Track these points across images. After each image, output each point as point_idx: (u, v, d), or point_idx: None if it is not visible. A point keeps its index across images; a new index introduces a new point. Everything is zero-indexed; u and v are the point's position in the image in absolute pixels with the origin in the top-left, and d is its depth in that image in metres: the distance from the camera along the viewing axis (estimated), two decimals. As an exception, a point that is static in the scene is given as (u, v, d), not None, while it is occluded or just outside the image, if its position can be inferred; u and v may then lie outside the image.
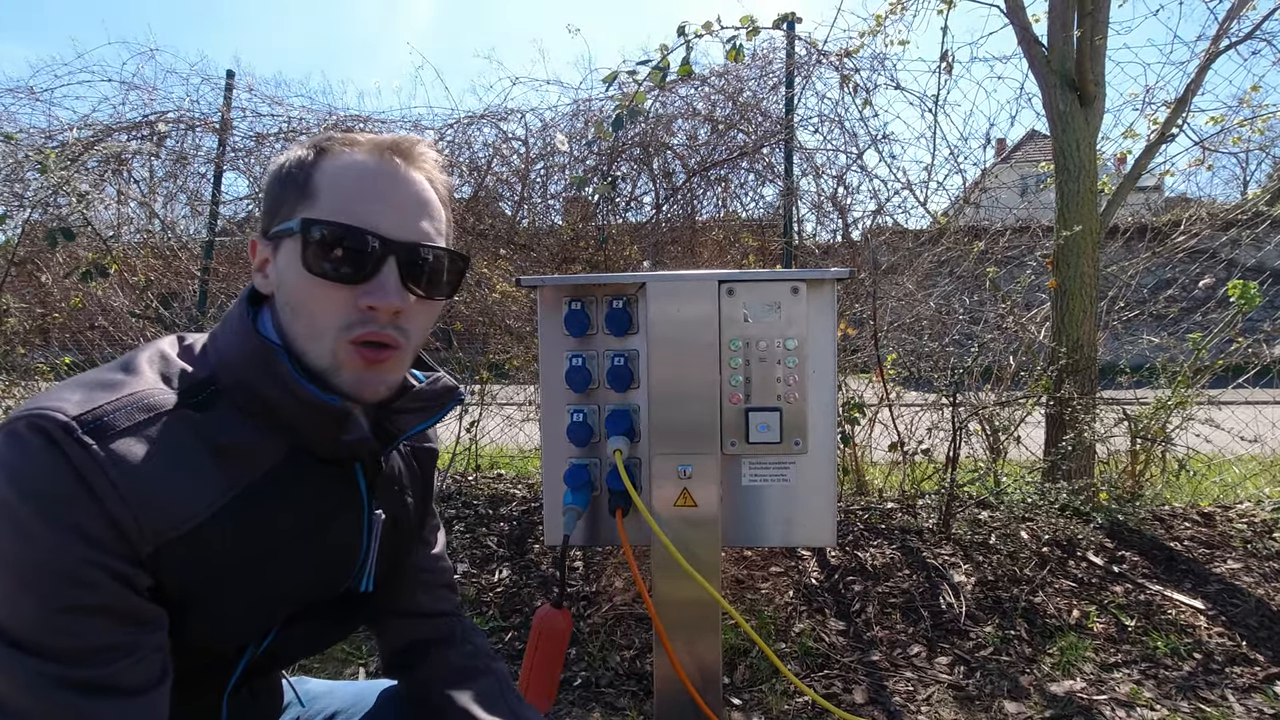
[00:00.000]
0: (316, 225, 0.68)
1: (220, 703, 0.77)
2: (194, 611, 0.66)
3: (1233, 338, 2.94)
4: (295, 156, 0.74)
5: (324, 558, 0.77)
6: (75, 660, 0.58)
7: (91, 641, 0.59)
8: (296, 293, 0.70)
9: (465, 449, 3.60)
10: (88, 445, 0.59)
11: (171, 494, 0.63)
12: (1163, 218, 4.11)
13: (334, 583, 0.80)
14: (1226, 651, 2.03)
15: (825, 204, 3.47)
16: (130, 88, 3.95)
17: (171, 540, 0.62)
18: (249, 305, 0.74)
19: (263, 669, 0.81)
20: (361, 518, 0.79)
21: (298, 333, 0.71)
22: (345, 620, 0.86)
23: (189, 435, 0.66)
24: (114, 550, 0.59)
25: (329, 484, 0.75)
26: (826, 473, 1.42)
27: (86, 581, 0.58)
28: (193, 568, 0.64)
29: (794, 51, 3.40)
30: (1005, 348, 3.20)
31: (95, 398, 0.62)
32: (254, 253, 0.76)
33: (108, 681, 0.59)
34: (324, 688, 0.99)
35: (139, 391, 0.65)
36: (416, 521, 0.91)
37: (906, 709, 1.84)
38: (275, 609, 0.75)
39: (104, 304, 3.65)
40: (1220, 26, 3.24)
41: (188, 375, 0.69)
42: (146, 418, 0.64)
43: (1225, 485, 3.29)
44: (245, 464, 0.68)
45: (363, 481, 0.79)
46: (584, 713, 1.86)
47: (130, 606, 0.61)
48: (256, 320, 0.74)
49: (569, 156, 3.61)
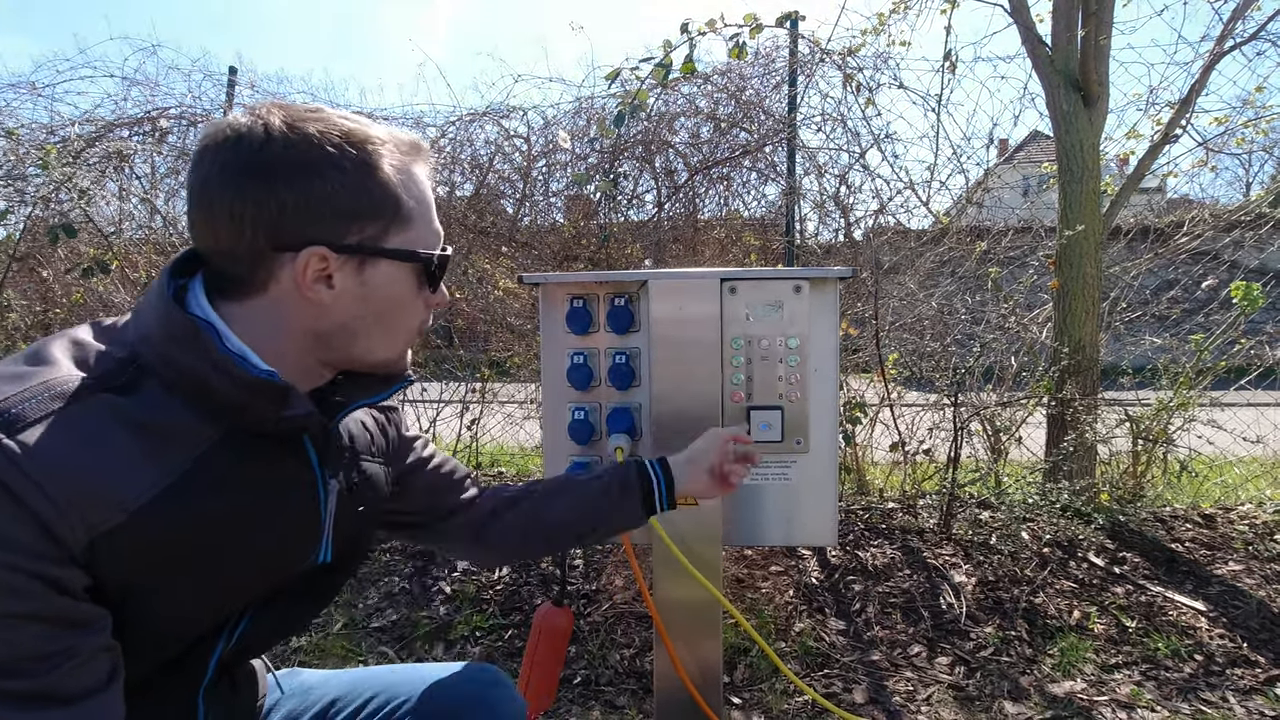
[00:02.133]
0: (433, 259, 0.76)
1: (196, 697, 0.74)
2: (146, 605, 0.63)
3: (1235, 339, 2.93)
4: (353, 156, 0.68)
5: (281, 534, 0.74)
6: (6, 671, 0.55)
7: (21, 650, 0.55)
8: (390, 305, 0.75)
9: (466, 447, 3.60)
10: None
11: (99, 484, 0.59)
12: (1165, 219, 4.10)
13: (295, 559, 0.77)
14: (1227, 653, 2.02)
15: (827, 203, 3.46)
16: (132, 84, 3.96)
17: (105, 533, 0.59)
18: (171, 279, 0.69)
19: (238, 658, 0.79)
20: (316, 490, 0.77)
21: (374, 344, 0.75)
22: (313, 598, 0.84)
23: (110, 419, 0.61)
24: (37, 552, 0.55)
25: (275, 459, 0.72)
26: (828, 472, 1.42)
27: (12, 588, 0.55)
28: (135, 560, 0.61)
29: (797, 50, 3.40)
30: (1007, 348, 3.19)
31: (1, 391, 0.58)
32: (314, 265, 0.68)
33: (43, 690, 0.56)
34: (319, 677, 0.98)
35: (51, 379, 0.60)
36: (384, 482, 0.90)
37: (906, 709, 1.84)
38: (236, 594, 0.72)
39: (105, 300, 3.64)
40: (1225, 27, 3.23)
41: (106, 356, 0.64)
42: (61, 405, 0.59)
43: (1227, 487, 3.28)
44: (179, 445, 0.65)
45: (313, 453, 0.76)
46: (584, 711, 1.85)
47: (61, 610, 0.57)
48: (185, 296, 0.69)
49: (571, 154, 3.60)
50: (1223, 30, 3.23)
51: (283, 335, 0.71)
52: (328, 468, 0.78)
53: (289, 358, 0.72)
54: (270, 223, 0.66)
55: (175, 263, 0.71)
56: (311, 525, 0.77)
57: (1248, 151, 4.32)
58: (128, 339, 0.67)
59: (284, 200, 0.66)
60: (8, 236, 3.49)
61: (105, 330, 0.68)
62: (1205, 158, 4.04)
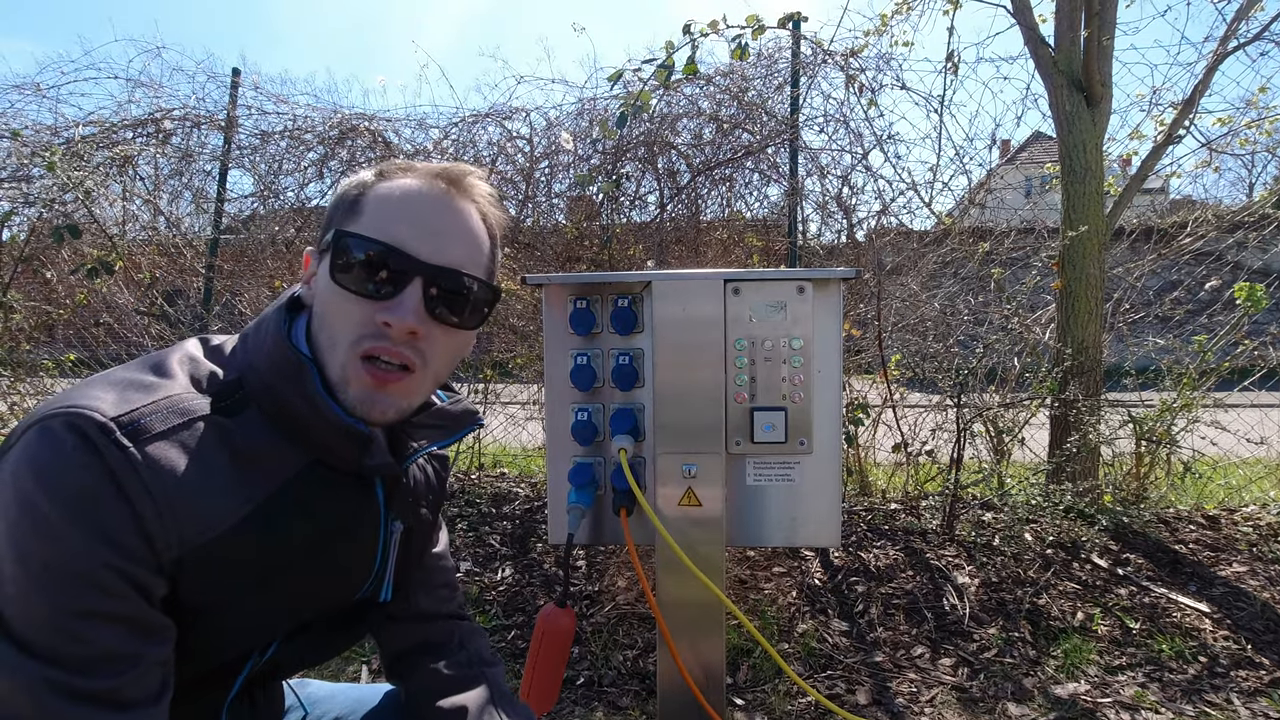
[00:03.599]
0: (350, 239, 0.69)
1: (221, 711, 0.76)
2: (205, 620, 0.65)
3: (1238, 340, 2.93)
4: (357, 179, 0.75)
5: (339, 568, 0.77)
6: (81, 668, 0.56)
7: (100, 650, 0.57)
8: (324, 303, 0.71)
9: (469, 447, 3.60)
10: (125, 447, 0.58)
11: (200, 500, 0.62)
12: (1168, 220, 4.09)
13: (346, 593, 0.80)
14: (1232, 655, 2.02)
15: (830, 204, 3.47)
16: (136, 85, 3.97)
17: (196, 547, 0.62)
18: (286, 313, 0.73)
19: (265, 678, 0.81)
20: (379, 530, 0.79)
21: (321, 344, 0.71)
22: (350, 629, 0.86)
23: (217, 441, 0.65)
24: (137, 557, 0.58)
25: (348, 496, 0.75)
26: (831, 473, 1.41)
27: (105, 587, 0.57)
28: (213, 576, 0.64)
29: (799, 51, 3.40)
30: (1010, 349, 3.19)
31: (131, 399, 0.61)
32: (306, 264, 0.77)
33: (109, 694, 0.57)
34: (326, 691, 0.98)
35: (174, 395, 0.64)
36: (430, 527, 0.92)
37: (910, 710, 1.84)
38: (283, 618, 0.74)
39: (109, 301, 3.65)
40: (1228, 28, 3.22)
41: (217, 379, 0.68)
42: (181, 422, 0.63)
43: (1230, 488, 3.28)
44: (267, 472, 0.68)
45: (381, 494, 0.78)
46: (587, 712, 1.85)
47: (143, 616, 0.60)
48: (291, 329, 0.73)
49: (574, 155, 3.61)
50: (1226, 31, 3.23)
51: None
52: (393, 510, 0.80)
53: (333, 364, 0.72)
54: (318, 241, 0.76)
55: (290, 298, 0.75)
56: (367, 564, 0.80)
57: (1250, 152, 4.30)
58: (236, 363, 0.71)
59: None
60: (12, 237, 3.50)
61: (214, 350, 0.72)
62: (1209, 158, 4.03)
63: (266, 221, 3.95)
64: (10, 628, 0.55)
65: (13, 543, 0.56)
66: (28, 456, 0.57)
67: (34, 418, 0.59)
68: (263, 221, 3.96)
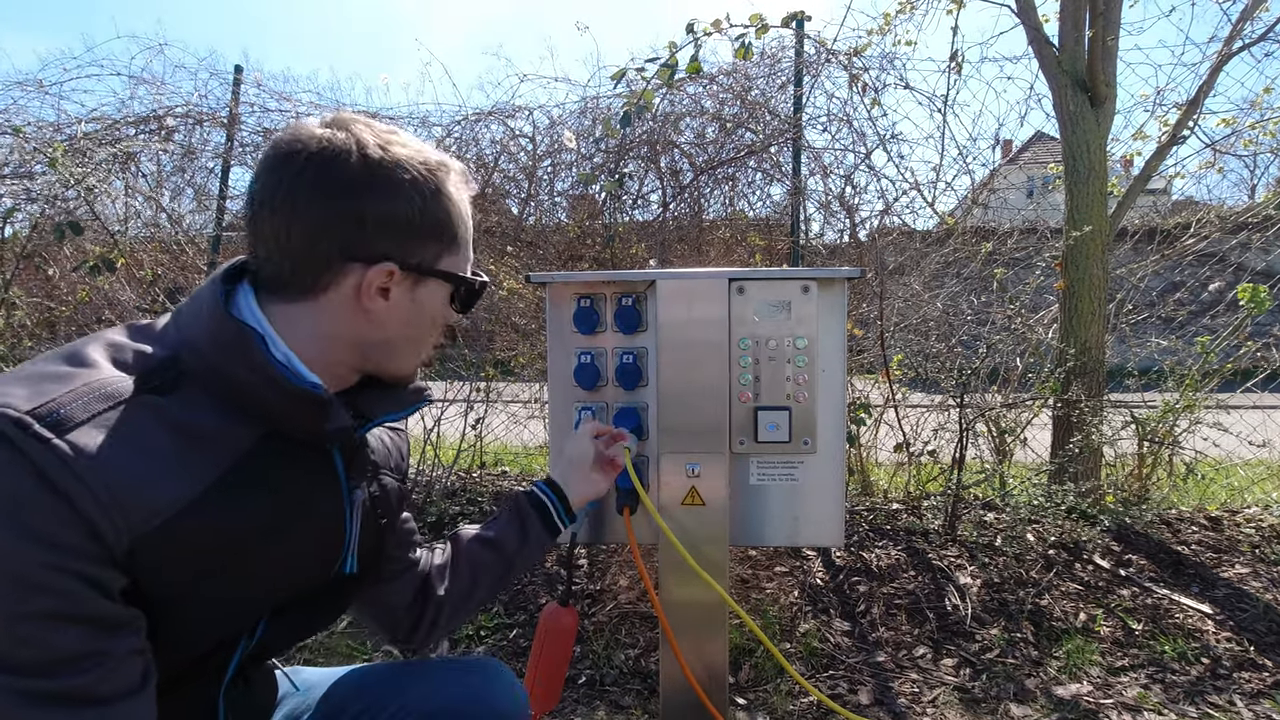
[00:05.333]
0: (471, 284, 0.80)
1: (217, 697, 0.76)
2: (177, 608, 0.64)
3: (1241, 342, 2.92)
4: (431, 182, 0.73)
5: (309, 542, 0.76)
6: (42, 671, 0.55)
7: (60, 651, 0.55)
8: (429, 324, 0.79)
9: (470, 445, 3.59)
10: (46, 439, 0.55)
11: (143, 486, 0.59)
12: (1171, 220, 4.08)
13: (322, 567, 0.79)
14: (1235, 656, 2.01)
15: (833, 203, 3.46)
16: (139, 82, 3.96)
17: (146, 534, 0.59)
18: (223, 285, 0.70)
19: (256, 659, 0.81)
20: (341, 500, 0.78)
21: (405, 358, 0.80)
22: (333, 604, 0.86)
23: (153, 421, 0.61)
24: (82, 552, 0.56)
25: (306, 467, 0.74)
26: (834, 473, 1.41)
27: (49, 587, 0.55)
28: (172, 562, 0.61)
29: (803, 50, 3.39)
30: (1012, 349, 3.18)
31: (46, 390, 0.58)
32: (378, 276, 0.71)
33: (81, 691, 0.56)
34: (319, 676, 0.99)
35: (94, 380, 0.60)
36: (397, 497, 0.92)
37: (912, 710, 1.84)
38: (263, 599, 0.73)
39: (111, 298, 3.65)
40: (1233, 28, 3.22)
41: (146, 357, 0.65)
42: (107, 406, 0.59)
43: (1233, 490, 3.27)
44: (217, 450, 0.65)
45: (340, 463, 0.78)
46: (589, 711, 1.85)
47: (101, 611, 0.57)
48: (231, 301, 0.70)
49: (576, 154, 3.60)
50: (1231, 31, 3.22)
51: (327, 339, 0.73)
52: (353, 479, 0.80)
53: (327, 360, 0.74)
54: (348, 234, 0.70)
55: (226, 270, 0.73)
56: (337, 534, 0.79)
57: (1253, 154, 4.29)
58: (168, 340, 0.67)
59: (366, 214, 0.69)
60: (14, 234, 3.50)
61: (141, 330, 0.69)
62: (1213, 159, 4.03)
63: (268, 219, 3.93)
64: None
65: None
66: None
67: None
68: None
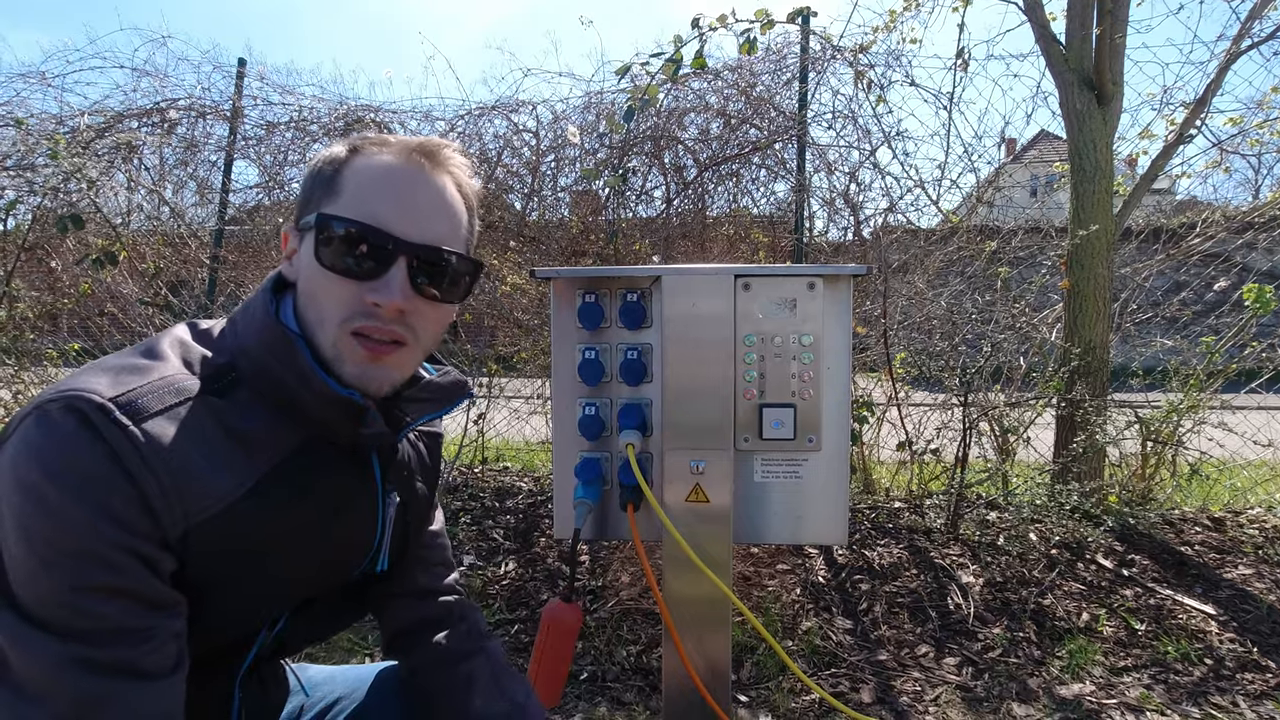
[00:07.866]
0: (332, 221, 0.70)
1: (233, 688, 0.78)
2: (212, 596, 0.67)
3: (1246, 342, 2.91)
4: (330, 154, 0.75)
5: (340, 542, 0.78)
6: (96, 641, 0.58)
7: (111, 623, 0.59)
8: (310, 283, 0.73)
9: (472, 441, 3.59)
10: (124, 426, 0.59)
11: (201, 477, 0.63)
12: (1176, 220, 4.07)
13: (348, 567, 0.82)
14: (1238, 657, 2.01)
15: (837, 201, 3.45)
16: (142, 74, 3.96)
17: (200, 523, 0.63)
18: (272, 293, 0.75)
19: (272, 655, 0.83)
20: (376, 502, 0.81)
21: (309, 320, 0.73)
22: (354, 604, 0.88)
23: (212, 421, 0.66)
24: (142, 532, 0.60)
25: (345, 470, 0.77)
26: (839, 471, 1.41)
27: (112, 563, 0.58)
28: (218, 551, 0.65)
29: (808, 46, 3.37)
30: (1016, 348, 3.17)
31: (126, 381, 0.63)
32: (285, 243, 0.78)
33: (128, 664, 0.59)
34: (325, 674, 1.00)
35: (168, 375, 0.65)
36: (426, 503, 0.93)
37: (914, 709, 1.83)
38: (289, 594, 0.76)
39: (113, 291, 3.65)
40: (1241, 26, 3.20)
41: (208, 361, 0.70)
42: (177, 401, 0.64)
43: (1236, 490, 3.27)
44: (263, 450, 0.69)
45: (377, 467, 0.80)
46: (590, 707, 1.85)
47: (153, 590, 0.61)
48: (279, 308, 0.75)
49: (580, 149, 3.59)
50: (1239, 30, 3.21)
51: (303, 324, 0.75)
52: (389, 482, 0.82)
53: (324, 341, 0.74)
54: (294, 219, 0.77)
55: (274, 279, 0.77)
56: (367, 537, 0.81)
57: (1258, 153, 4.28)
58: (226, 346, 0.72)
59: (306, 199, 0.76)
60: (16, 226, 3.50)
61: (203, 334, 0.74)
62: (1220, 158, 4.01)
63: (271, 212, 3.93)
64: (25, 608, 0.57)
65: (18, 526, 0.57)
66: (26, 442, 0.58)
67: (31, 406, 0.60)
68: (267, 212, 3.95)
